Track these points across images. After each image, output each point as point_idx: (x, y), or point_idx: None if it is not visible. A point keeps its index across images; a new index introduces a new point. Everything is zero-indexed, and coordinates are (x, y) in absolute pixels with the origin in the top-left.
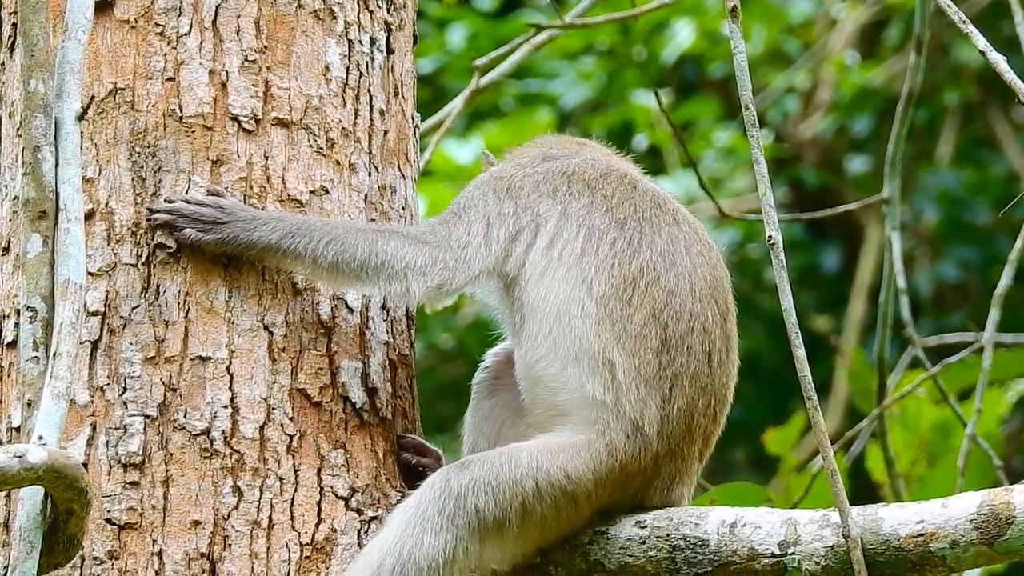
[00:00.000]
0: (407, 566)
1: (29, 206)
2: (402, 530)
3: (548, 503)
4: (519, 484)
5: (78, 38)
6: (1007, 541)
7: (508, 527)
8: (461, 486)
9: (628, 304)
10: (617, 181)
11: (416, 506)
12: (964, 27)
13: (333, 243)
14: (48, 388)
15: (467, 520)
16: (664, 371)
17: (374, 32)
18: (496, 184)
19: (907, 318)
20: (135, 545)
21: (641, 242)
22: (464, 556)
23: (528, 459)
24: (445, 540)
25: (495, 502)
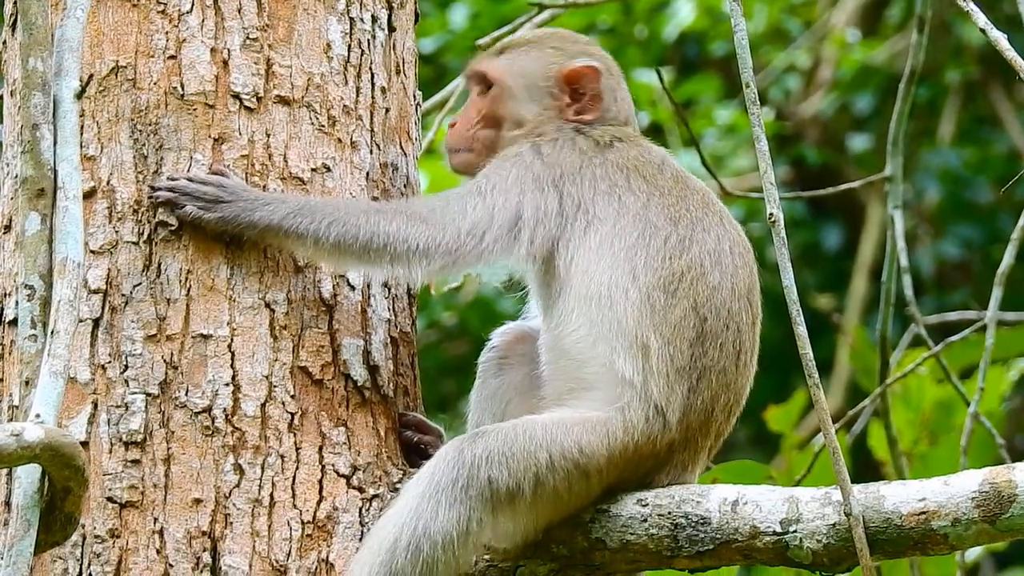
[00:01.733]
0: (422, 541)
1: (27, 184)
2: (417, 503)
3: (560, 476)
4: (533, 455)
5: (77, 16)
6: (1009, 519)
7: (521, 499)
8: (475, 456)
9: (672, 295)
10: (673, 178)
11: (430, 477)
12: (965, 5)
13: (335, 224)
14: (46, 366)
15: (480, 491)
16: (695, 363)
17: (375, 10)
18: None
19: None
20: (136, 523)
21: (692, 239)
22: (477, 528)
23: (543, 431)
24: (459, 513)
25: (508, 473)
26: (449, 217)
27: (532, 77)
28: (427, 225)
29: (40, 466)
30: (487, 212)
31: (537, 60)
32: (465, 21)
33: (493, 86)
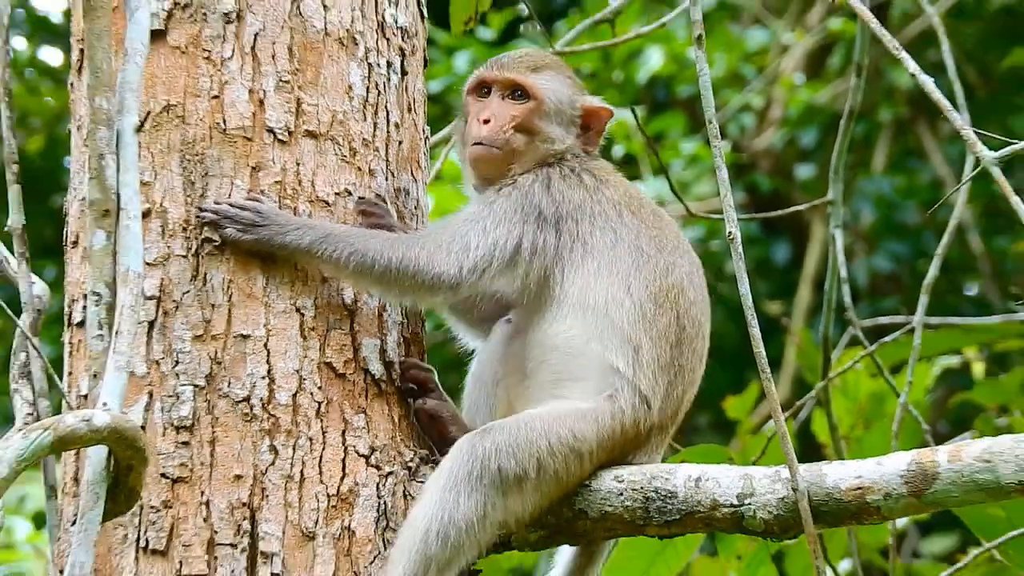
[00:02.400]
0: (448, 528)
1: (94, 206)
2: (440, 495)
3: (559, 459)
4: (535, 444)
5: (136, 61)
6: (932, 494)
7: (527, 482)
8: (485, 449)
9: (660, 307)
10: (652, 213)
11: (449, 472)
12: (897, 53)
13: (355, 253)
14: (111, 361)
15: (492, 479)
16: (674, 362)
17: (390, 56)
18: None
19: (848, 303)
20: (186, 496)
21: (674, 263)
22: (493, 511)
23: (541, 422)
24: (476, 500)
25: (515, 461)
26: (455, 255)
27: (562, 102)
28: (433, 262)
29: (107, 447)
30: (489, 249)
31: (566, 87)
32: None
33: (530, 98)
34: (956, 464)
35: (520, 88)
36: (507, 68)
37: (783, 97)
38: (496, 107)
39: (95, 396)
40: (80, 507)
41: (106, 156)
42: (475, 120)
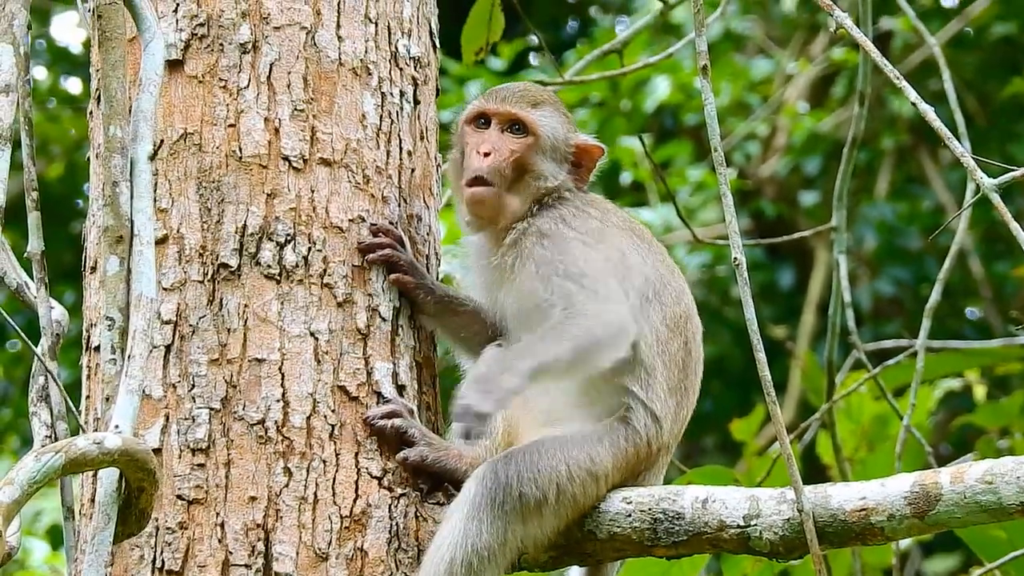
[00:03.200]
0: (472, 556)
1: (108, 232)
2: (464, 524)
3: (577, 483)
4: (554, 469)
5: (150, 91)
6: (935, 515)
7: (546, 506)
8: (508, 476)
9: (673, 331)
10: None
11: (471, 500)
12: (899, 83)
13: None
14: (123, 385)
15: (513, 506)
16: (681, 384)
17: (403, 86)
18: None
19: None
20: (201, 517)
21: (683, 289)
22: (513, 537)
23: (560, 448)
24: (498, 527)
25: (536, 487)
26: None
27: (557, 139)
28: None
29: (118, 469)
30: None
31: (562, 124)
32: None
33: (528, 134)
34: (958, 486)
35: (520, 123)
36: (508, 101)
37: (787, 125)
38: (496, 140)
39: (107, 419)
40: (92, 528)
41: (120, 183)
42: (474, 152)
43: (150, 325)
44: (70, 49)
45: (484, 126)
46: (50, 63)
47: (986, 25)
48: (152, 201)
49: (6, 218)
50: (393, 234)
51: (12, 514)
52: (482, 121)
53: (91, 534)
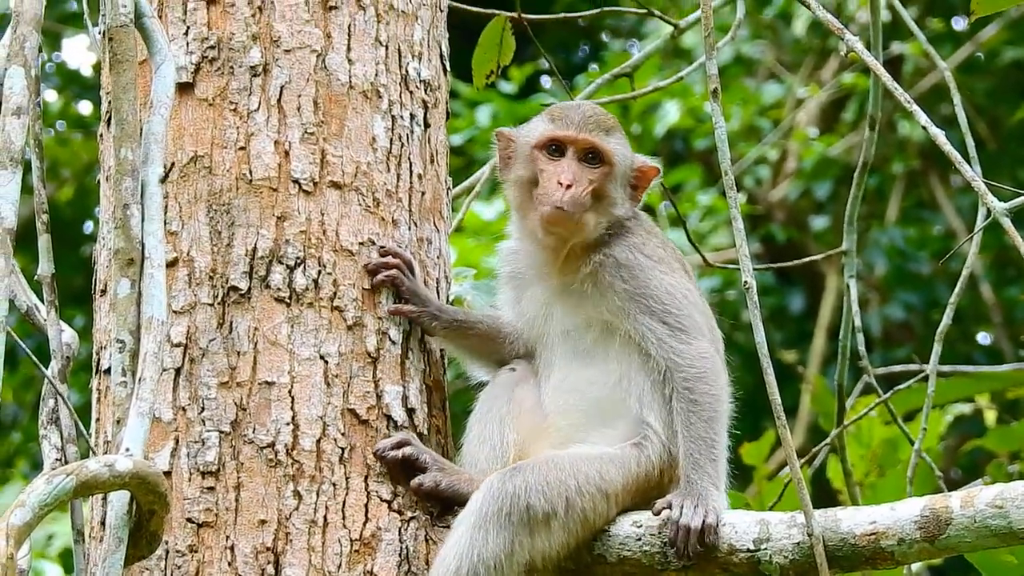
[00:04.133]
0: (478, 566)
1: (119, 255)
2: (471, 533)
3: (587, 498)
4: (564, 483)
5: (161, 113)
6: (946, 539)
7: (555, 520)
8: (515, 487)
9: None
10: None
11: (479, 510)
12: (909, 107)
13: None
14: (134, 408)
15: (520, 517)
16: None
17: (413, 109)
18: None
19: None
20: (211, 540)
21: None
22: (520, 549)
23: (570, 463)
24: (505, 538)
25: (544, 499)
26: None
27: (625, 165)
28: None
29: (129, 492)
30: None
31: (628, 148)
32: (488, 119)
33: (604, 163)
34: (969, 510)
35: (596, 152)
36: (584, 129)
37: (798, 150)
38: (576, 171)
39: (118, 442)
40: (103, 551)
41: (131, 206)
42: (553, 182)
43: (161, 348)
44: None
45: (557, 153)
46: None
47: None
48: (163, 224)
49: (16, 241)
50: (402, 257)
51: (24, 536)
52: (555, 148)
53: (102, 557)
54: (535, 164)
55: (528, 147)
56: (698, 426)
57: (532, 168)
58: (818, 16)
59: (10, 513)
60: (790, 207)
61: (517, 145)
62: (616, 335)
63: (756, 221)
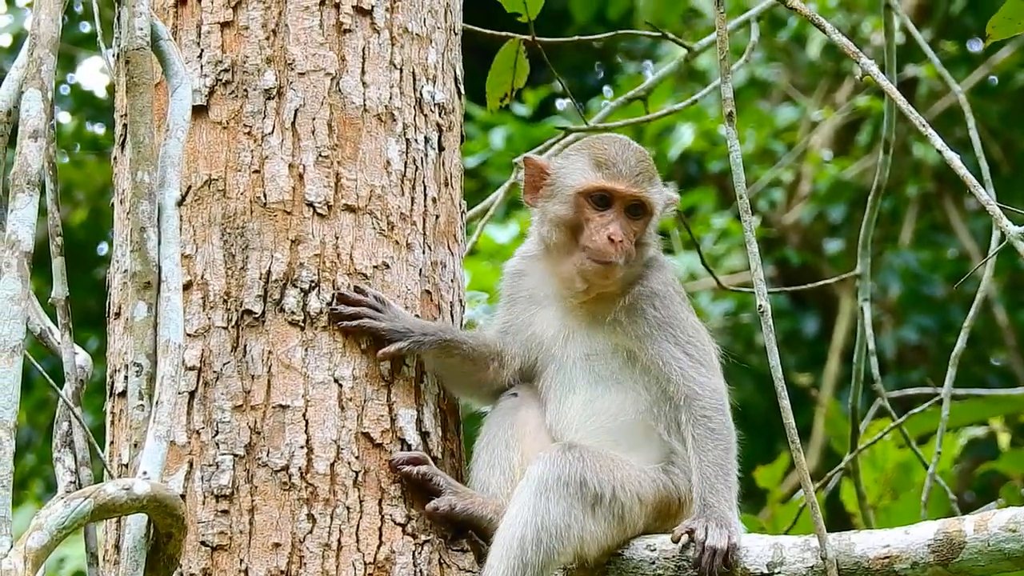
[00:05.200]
0: (542, 533)
1: (136, 278)
2: (534, 501)
3: (628, 495)
4: (613, 472)
5: (178, 136)
6: (959, 562)
7: (600, 505)
8: (573, 458)
9: None
10: None
11: (539, 479)
12: (924, 130)
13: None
14: (151, 431)
15: (577, 488)
16: None
17: (428, 132)
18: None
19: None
20: (225, 563)
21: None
22: (575, 523)
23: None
24: (563, 507)
25: (597, 479)
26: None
27: (661, 209)
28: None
29: (146, 515)
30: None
31: (662, 189)
32: (502, 142)
33: (647, 213)
34: (982, 533)
35: (643, 205)
36: (633, 183)
37: (812, 172)
38: (623, 226)
39: (136, 465)
40: (120, 574)
41: (148, 229)
42: (603, 236)
43: (178, 371)
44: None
45: (604, 205)
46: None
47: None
48: (179, 247)
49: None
50: (364, 298)
51: (42, 559)
52: (601, 197)
53: None
54: (580, 211)
55: (573, 191)
56: (716, 453)
57: (576, 214)
58: (833, 39)
59: (28, 536)
60: (804, 230)
61: (556, 183)
62: (637, 363)
63: (770, 244)
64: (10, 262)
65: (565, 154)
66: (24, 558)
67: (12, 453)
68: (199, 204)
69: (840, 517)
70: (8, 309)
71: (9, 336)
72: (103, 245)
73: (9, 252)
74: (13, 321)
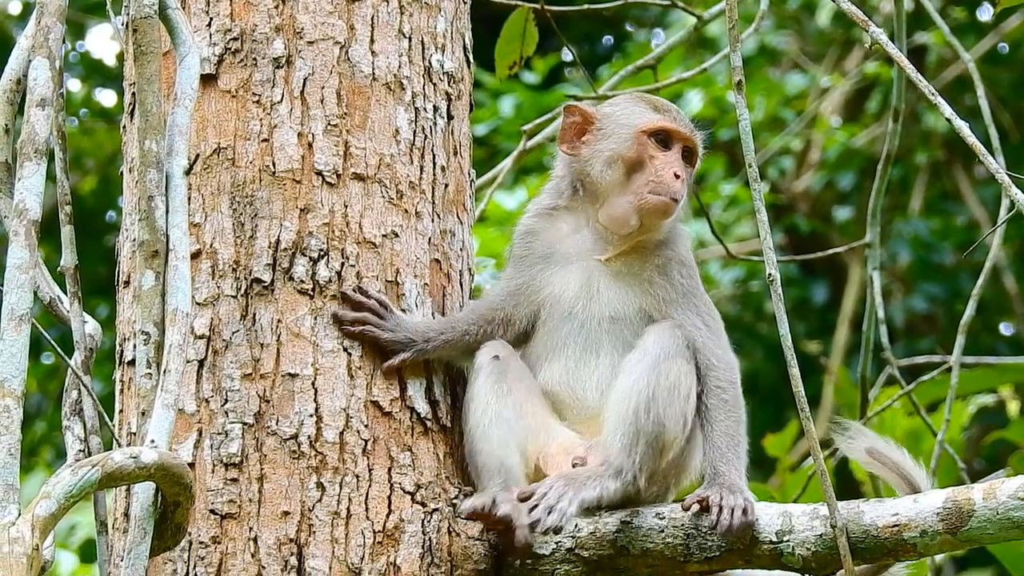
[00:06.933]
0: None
1: (144, 247)
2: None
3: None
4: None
5: (185, 105)
6: (968, 531)
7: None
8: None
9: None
10: None
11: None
12: (933, 98)
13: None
14: (159, 399)
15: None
16: None
17: (437, 101)
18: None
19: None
20: (234, 532)
21: None
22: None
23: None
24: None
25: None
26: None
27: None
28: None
29: (154, 483)
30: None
31: None
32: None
33: (693, 164)
34: (991, 502)
35: (692, 152)
36: (689, 128)
37: (821, 140)
38: (684, 166)
39: (143, 433)
40: (128, 542)
41: (156, 198)
42: (669, 172)
43: (185, 340)
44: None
45: (664, 146)
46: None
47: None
48: (187, 216)
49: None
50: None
51: (49, 527)
52: (661, 138)
53: (127, 548)
54: (642, 148)
55: (634, 130)
56: (728, 424)
57: (638, 152)
58: (842, 7)
59: (35, 504)
60: (813, 198)
61: (610, 125)
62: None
63: (779, 212)
64: (18, 231)
65: (610, 103)
66: (32, 526)
67: (19, 421)
68: (208, 173)
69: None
70: (16, 278)
71: (17, 304)
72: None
73: (17, 221)
74: (21, 290)
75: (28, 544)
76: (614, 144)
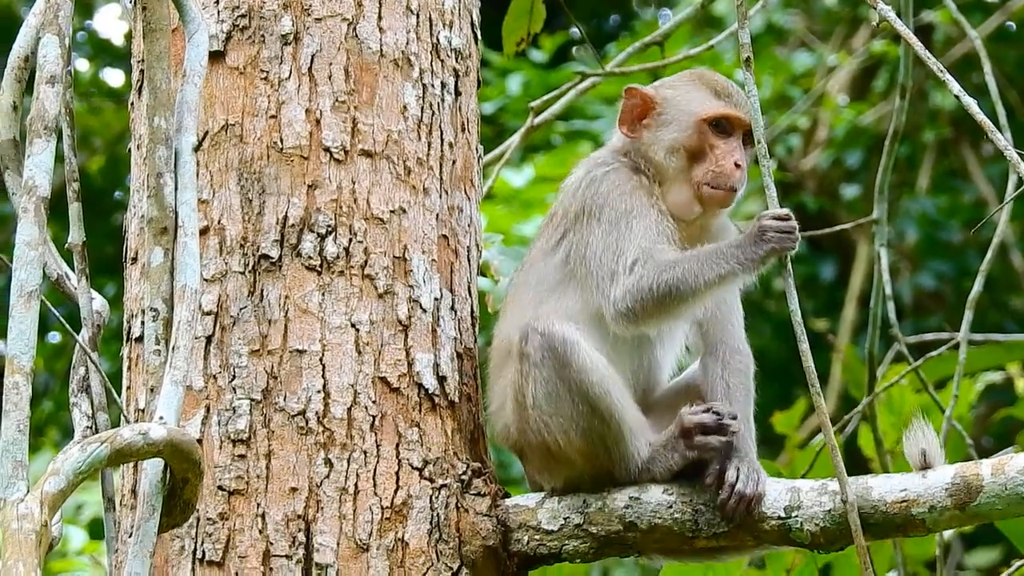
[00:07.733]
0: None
1: (152, 223)
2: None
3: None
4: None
5: (195, 82)
6: (976, 506)
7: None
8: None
9: None
10: None
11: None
12: (941, 75)
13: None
14: (168, 376)
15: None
16: None
17: (444, 78)
18: None
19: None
20: (242, 508)
21: None
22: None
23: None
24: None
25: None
26: None
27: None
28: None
29: (163, 460)
30: None
31: None
32: (520, 87)
33: (748, 148)
34: (999, 477)
35: (749, 137)
36: (748, 113)
37: (829, 118)
38: (744, 154)
39: (152, 410)
40: (136, 519)
41: (164, 175)
42: (730, 162)
43: (194, 316)
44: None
45: (724, 132)
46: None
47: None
48: (196, 192)
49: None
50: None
51: (58, 504)
52: (723, 125)
53: (136, 525)
54: (703, 137)
55: (695, 118)
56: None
57: (699, 140)
58: None
59: (44, 480)
60: (821, 176)
61: (671, 111)
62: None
63: (787, 189)
64: (27, 207)
65: (671, 85)
66: (40, 502)
67: (29, 397)
68: (216, 149)
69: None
70: (25, 254)
71: (26, 281)
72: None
73: (26, 198)
74: (30, 266)
75: (37, 520)
76: (675, 132)
